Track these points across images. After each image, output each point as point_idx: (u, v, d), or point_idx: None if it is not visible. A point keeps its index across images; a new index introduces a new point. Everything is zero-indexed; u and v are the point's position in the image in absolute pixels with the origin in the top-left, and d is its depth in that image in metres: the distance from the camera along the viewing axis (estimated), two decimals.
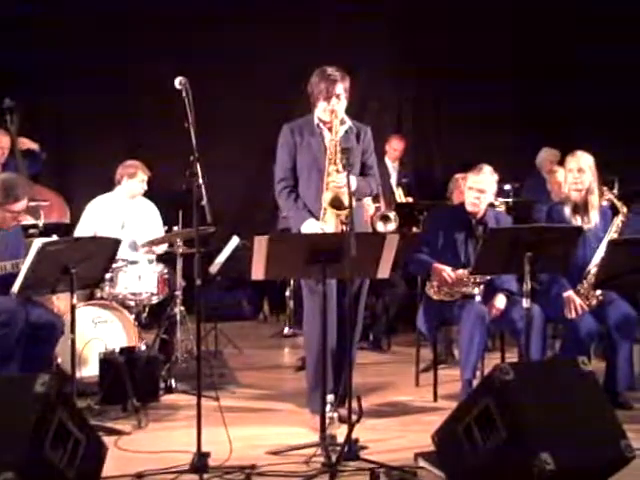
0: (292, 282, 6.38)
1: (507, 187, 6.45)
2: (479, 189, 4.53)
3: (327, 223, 4.05)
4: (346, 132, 4.22)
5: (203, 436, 3.44)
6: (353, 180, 4.06)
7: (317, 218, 4.11)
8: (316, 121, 4.22)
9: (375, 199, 5.92)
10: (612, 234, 4.49)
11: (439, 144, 8.12)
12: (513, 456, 3.06)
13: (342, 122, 4.20)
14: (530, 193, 6.80)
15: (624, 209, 4.54)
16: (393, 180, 7.25)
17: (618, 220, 4.52)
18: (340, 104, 4.15)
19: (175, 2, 7.27)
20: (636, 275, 4.03)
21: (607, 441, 3.15)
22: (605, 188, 4.65)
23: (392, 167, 7.31)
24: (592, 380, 3.33)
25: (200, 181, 3.54)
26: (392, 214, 5.70)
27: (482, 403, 3.21)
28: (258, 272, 3.72)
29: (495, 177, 4.63)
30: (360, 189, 4.17)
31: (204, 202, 3.54)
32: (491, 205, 4.84)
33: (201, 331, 3.69)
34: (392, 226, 5.63)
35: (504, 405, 3.12)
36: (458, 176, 5.57)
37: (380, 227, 5.55)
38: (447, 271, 4.43)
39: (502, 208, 5.89)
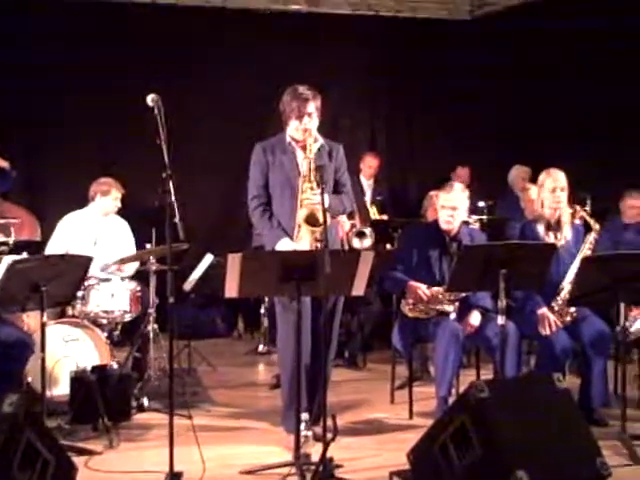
0: (266, 299, 6.34)
1: (481, 204, 6.48)
2: (452, 206, 4.55)
3: (302, 240, 4.04)
4: (319, 150, 4.22)
5: (176, 455, 3.40)
6: (326, 198, 4.06)
7: (291, 236, 4.10)
8: (288, 139, 4.22)
9: (350, 216, 5.93)
10: (585, 251, 4.52)
11: (412, 161, 8.16)
12: (489, 474, 3.05)
13: (315, 140, 4.20)
14: (503, 210, 6.84)
15: (596, 226, 4.57)
16: (368, 198, 7.25)
17: (591, 237, 4.56)
18: (312, 122, 4.16)
19: (146, 20, 7.25)
20: (609, 292, 4.06)
21: (583, 459, 3.15)
22: (577, 206, 4.68)
23: (367, 185, 7.31)
24: (567, 397, 3.34)
25: (173, 198, 3.51)
26: (368, 230, 5.70)
27: (457, 421, 3.20)
28: (231, 290, 3.69)
29: (466, 194, 4.66)
30: (334, 207, 4.17)
31: (177, 219, 3.51)
32: (465, 222, 4.85)
33: (174, 349, 3.64)
34: (368, 242, 5.62)
35: (479, 422, 3.12)
36: (432, 193, 5.59)
37: (356, 243, 5.55)
38: (422, 289, 4.43)
39: (476, 225, 5.93)
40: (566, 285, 4.46)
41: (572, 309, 4.51)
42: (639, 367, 5.01)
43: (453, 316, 4.49)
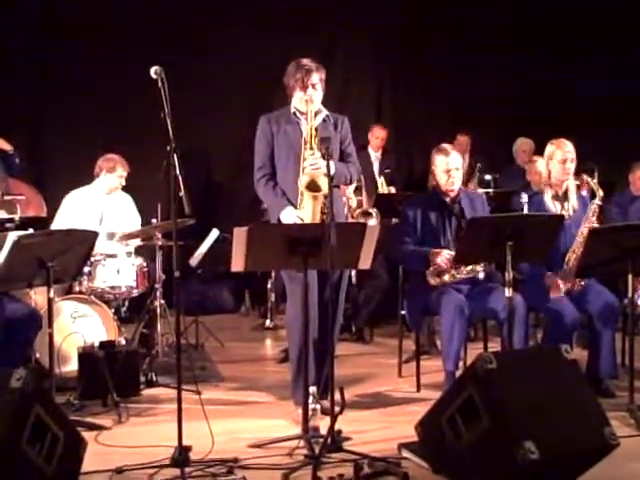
0: (273, 274, 6.33)
1: (487, 177, 6.45)
2: (456, 167, 4.54)
3: (304, 208, 4.02)
4: (324, 121, 4.20)
5: (184, 430, 3.40)
6: (331, 165, 4.04)
7: (295, 205, 4.09)
8: (292, 110, 4.20)
9: (357, 191, 5.93)
10: (590, 218, 4.49)
11: (419, 134, 8.10)
12: (497, 445, 3.05)
13: (319, 112, 4.19)
14: (508, 183, 6.80)
15: (600, 192, 4.54)
16: (375, 169, 7.21)
17: (594, 205, 4.52)
18: (316, 94, 4.14)
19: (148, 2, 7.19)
20: (618, 263, 4.04)
21: (591, 429, 3.13)
22: (584, 175, 4.65)
23: (374, 157, 7.27)
24: (575, 368, 3.32)
25: (177, 172, 3.48)
26: (374, 210, 5.68)
27: (465, 393, 3.19)
28: (238, 264, 3.68)
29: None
30: (339, 174, 4.15)
31: (182, 193, 3.49)
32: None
33: (182, 324, 3.65)
34: (373, 222, 5.61)
35: (487, 394, 3.11)
36: None
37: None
38: (445, 253, 4.38)
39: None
40: (572, 255, 4.44)
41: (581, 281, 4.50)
42: None
43: (482, 275, 4.44)
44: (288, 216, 4.07)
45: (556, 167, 4.64)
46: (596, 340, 4.45)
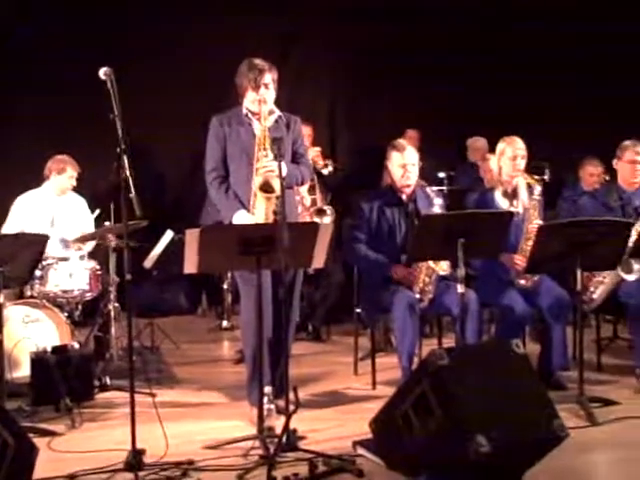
0: (230, 275, 6.31)
1: (441, 175, 6.51)
2: (412, 163, 4.58)
3: (257, 209, 4.02)
4: (276, 122, 4.20)
5: (139, 433, 3.38)
6: (284, 166, 4.05)
7: (248, 206, 4.08)
8: (244, 111, 4.19)
9: (311, 190, 5.95)
10: (531, 211, 4.56)
11: (372, 131, 8.14)
12: (449, 440, 3.08)
13: (271, 112, 4.18)
14: (462, 181, 6.88)
15: (538, 187, 4.61)
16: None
17: (533, 201, 4.59)
18: (269, 94, 4.14)
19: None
20: (567, 259, 4.11)
21: (540, 421, 3.19)
22: (520, 171, 4.70)
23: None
24: (525, 362, 3.38)
25: (127, 173, 3.46)
26: (328, 208, 5.69)
27: (418, 389, 3.22)
28: (190, 266, 3.67)
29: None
30: (292, 175, 4.16)
31: (132, 195, 3.46)
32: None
33: (137, 327, 3.62)
34: (328, 220, 5.64)
35: (439, 390, 3.14)
36: None
37: (316, 221, 5.53)
38: (409, 271, 4.43)
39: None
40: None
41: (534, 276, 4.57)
42: (597, 333, 5.09)
43: (446, 272, 4.45)
44: (240, 219, 4.07)
45: (506, 164, 4.71)
46: (547, 334, 4.53)
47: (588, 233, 4.07)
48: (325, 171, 6.95)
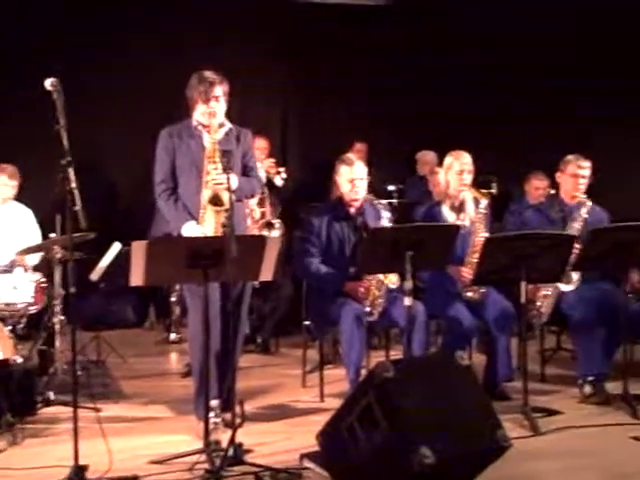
0: (177, 287, 6.26)
1: (391, 188, 6.56)
2: (360, 177, 4.61)
3: (206, 222, 4.01)
4: (226, 134, 4.20)
5: (82, 449, 3.33)
6: (235, 179, 4.06)
7: (197, 219, 4.07)
8: (195, 124, 4.18)
9: (261, 204, 5.95)
10: (477, 224, 4.63)
11: (324, 143, 8.19)
12: (394, 452, 3.11)
13: (221, 125, 4.18)
14: (411, 194, 6.94)
15: (483, 200, 4.69)
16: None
17: (479, 214, 4.66)
18: (219, 106, 4.13)
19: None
20: (512, 271, 4.18)
21: (484, 432, 3.23)
22: (467, 185, 4.77)
23: (260, 167, 7.17)
24: (469, 374, 3.42)
25: (73, 185, 3.42)
26: (277, 221, 5.70)
27: (364, 401, 3.24)
28: (137, 278, 3.63)
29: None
30: (242, 188, 4.16)
31: (77, 207, 3.42)
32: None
33: (83, 340, 3.57)
34: (276, 233, 5.64)
35: (385, 402, 3.17)
36: None
37: (264, 234, 5.53)
38: (361, 286, 4.46)
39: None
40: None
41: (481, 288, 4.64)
42: (540, 344, 5.18)
43: (395, 284, 4.48)
44: (190, 231, 4.05)
45: (453, 178, 4.79)
46: (493, 345, 4.60)
47: (532, 246, 4.15)
48: (279, 181, 6.97)
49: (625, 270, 4.56)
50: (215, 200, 3.99)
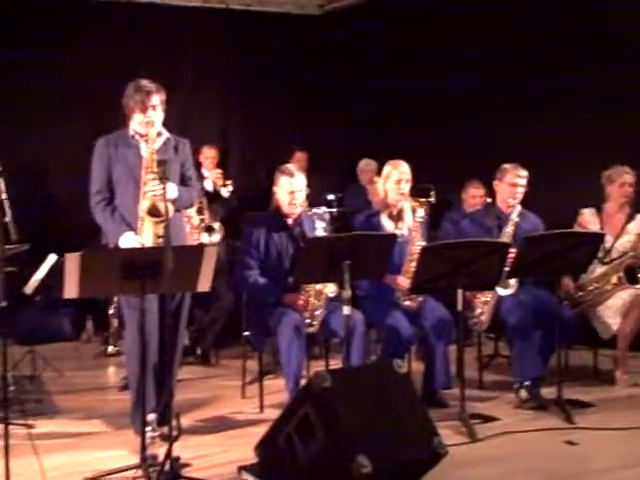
0: (115, 299, 6.17)
1: (330, 197, 6.58)
2: (300, 190, 4.61)
3: (145, 233, 3.97)
4: (164, 144, 4.16)
5: (15, 467, 3.24)
6: (174, 189, 4.03)
7: (135, 229, 4.02)
8: (132, 133, 4.14)
9: (199, 211, 5.91)
10: (414, 233, 4.69)
11: (263, 153, 8.20)
12: (332, 462, 3.11)
13: (159, 134, 4.14)
14: (351, 202, 6.97)
15: (421, 210, 4.75)
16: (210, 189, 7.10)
17: (416, 223, 4.72)
18: (157, 116, 4.09)
19: None
20: (449, 278, 4.22)
21: (420, 439, 3.26)
22: (404, 194, 4.82)
23: (208, 176, 7.14)
24: (406, 382, 3.45)
25: (4, 196, 3.35)
26: (217, 225, 5.66)
27: (301, 411, 3.24)
28: (71, 291, 3.57)
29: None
30: (182, 198, 4.13)
31: (7, 219, 3.35)
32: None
33: (16, 355, 3.47)
34: (217, 237, 5.60)
35: (322, 412, 3.17)
36: None
37: (205, 238, 5.51)
38: (299, 299, 4.46)
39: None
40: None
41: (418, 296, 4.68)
42: (478, 350, 5.24)
43: (334, 293, 4.49)
44: (127, 241, 4.00)
45: (392, 187, 4.83)
46: (431, 353, 4.64)
47: (468, 254, 4.20)
48: (225, 193, 6.94)
49: (558, 277, 4.66)
50: (153, 211, 3.95)
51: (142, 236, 3.99)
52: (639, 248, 5.05)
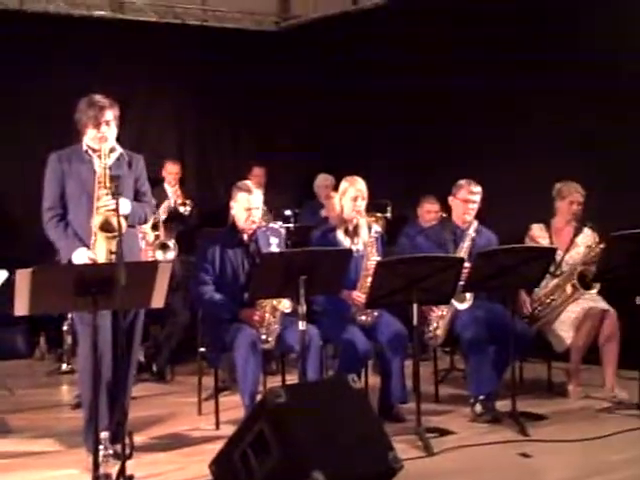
0: (69, 316, 6.08)
1: (287, 212, 6.59)
2: (256, 207, 4.61)
3: (98, 249, 3.93)
4: (118, 159, 4.13)
5: None
6: (127, 204, 4.00)
7: (88, 245, 3.98)
8: (85, 148, 4.11)
9: (155, 227, 5.87)
10: (369, 249, 4.72)
11: (221, 170, 8.18)
12: (287, 478, 3.11)
13: (112, 150, 4.11)
14: (308, 218, 6.98)
15: (376, 227, 4.81)
16: (172, 204, 7.07)
17: (371, 239, 4.76)
18: (110, 131, 4.07)
19: None
20: (404, 293, 4.25)
21: (375, 454, 3.27)
22: (361, 212, 4.85)
23: (171, 192, 7.15)
24: (361, 397, 3.46)
25: None
26: (171, 242, 5.63)
27: (256, 428, 3.24)
28: (21, 308, 3.52)
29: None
30: (135, 214, 4.11)
31: None
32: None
33: None
34: (171, 255, 5.57)
35: (277, 428, 3.16)
36: None
37: (159, 255, 5.47)
38: (255, 314, 4.44)
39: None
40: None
41: (374, 311, 4.70)
42: (434, 365, 5.28)
43: (289, 309, 4.48)
44: (80, 257, 3.96)
45: (348, 204, 4.85)
46: (387, 368, 4.66)
47: (423, 269, 4.24)
48: (183, 210, 6.91)
49: (512, 292, 4.72)
50: (106, 226, 3.92)
51: (95, 252, 3.95)
52: (588, 257, 5.14)
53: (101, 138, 4.03)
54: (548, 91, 6.37)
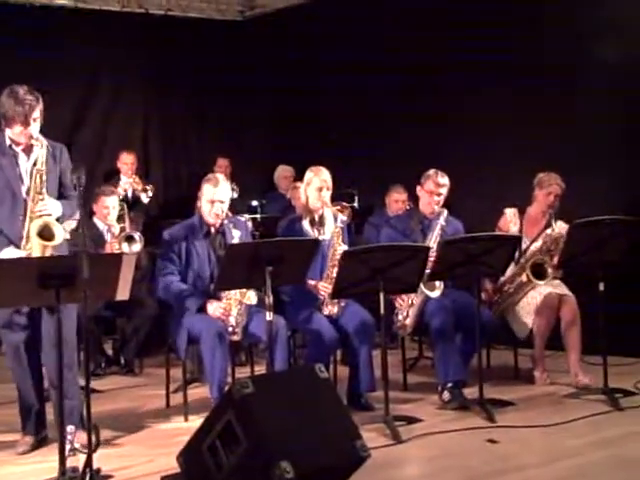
0: None
1: (254, 203, 6.58)
2: (220, 200, 4.58)
3: (33, 250, 3.83)
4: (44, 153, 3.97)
5: None
6: (58, 206, 3.91)
7: (15, 244, 3.86)
8: (8, 142, 3.95)
9: (120, 219, 5.81)
10: (335, 239, 4.73)
11: (187, 159, 8.13)
12: (255, 468, 3.09)
13: (40, 145, 3.92)
14: (273, 208, 6.97)
15: (341, 217, 4.82)
16: (130, 195, 6.98)
17: (337, 229, 4.77)
18: (35, 126, 3.90)
19: None
20: (370, 282, 4.26)
21: (343, 443, 3.27)
22: (325, 202, 4.86)
23: (126, 182, 7.05)
24: (328, 386, 3.46)
25: None
26: (137, 235, 5.59)
27: (224, 419, 3.21)
28: None
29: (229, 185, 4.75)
30: (65, 214, 4.00)
31: None
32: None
33: None
34: (137, 247, 5.52)
35: (244, 418, 3.15)
36: None
37: (125, 248, 5.43)
38: (220, 308, 4.42)
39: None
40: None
41: (341, 301, 4.70)
42: (402, 353, 5.30)
43: (254, 300, 4.48)
44: (9, 256, 3.81)
45: (313, 194, 4.84)
46: (354, 357, 4.67)
47: (389, 258, 4.24)
48: (145, 198, 6.84)
49: (477, 279, 4.74)
50: (46, 232, 3.83)
51: (29, 252, 3.84)
52: (544, 248, 5.17)
53: (29, 136, 3.88)
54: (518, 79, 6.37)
